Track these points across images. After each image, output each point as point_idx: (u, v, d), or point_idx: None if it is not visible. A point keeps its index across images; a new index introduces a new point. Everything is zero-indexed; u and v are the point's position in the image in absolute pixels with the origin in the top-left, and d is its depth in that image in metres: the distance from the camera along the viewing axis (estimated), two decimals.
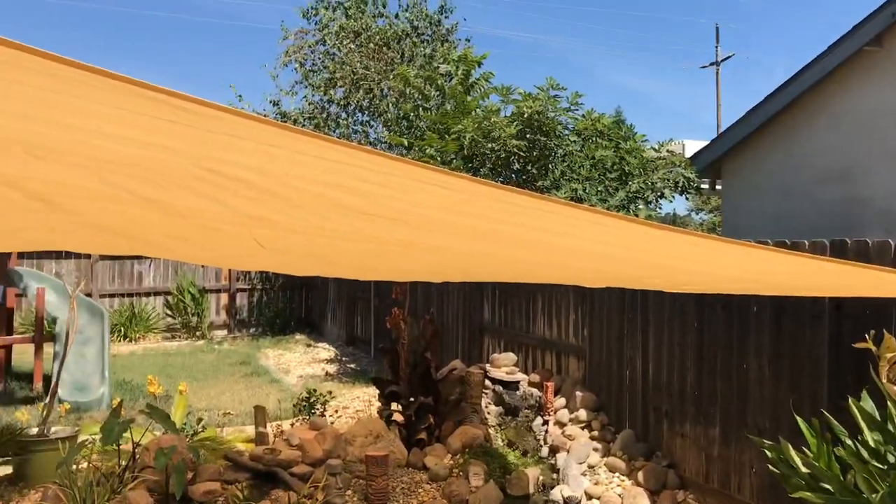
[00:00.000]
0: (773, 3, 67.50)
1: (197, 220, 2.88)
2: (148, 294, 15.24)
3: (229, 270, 15.70)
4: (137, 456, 5.48)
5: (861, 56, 7.86)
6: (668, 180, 9.28)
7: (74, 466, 5.31)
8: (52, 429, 6.09)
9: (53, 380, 6.59)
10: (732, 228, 9.61)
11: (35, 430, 5.96)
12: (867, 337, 3.18)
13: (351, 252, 3.19)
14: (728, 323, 5.30)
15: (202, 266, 15.38)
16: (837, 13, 67.48)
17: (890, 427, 3.52)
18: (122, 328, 14.30)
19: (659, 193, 9.24)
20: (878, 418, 3.65)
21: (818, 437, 3.78)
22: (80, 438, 5.93)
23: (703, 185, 10.24)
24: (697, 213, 29.38)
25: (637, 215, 8.99)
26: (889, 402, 3.37)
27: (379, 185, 2.43)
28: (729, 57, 32.24)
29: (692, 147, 11.14)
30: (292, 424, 6.63)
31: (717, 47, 32.32)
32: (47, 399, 7.73)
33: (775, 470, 3.90)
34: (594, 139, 9.30)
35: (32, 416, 6.48)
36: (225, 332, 15.72)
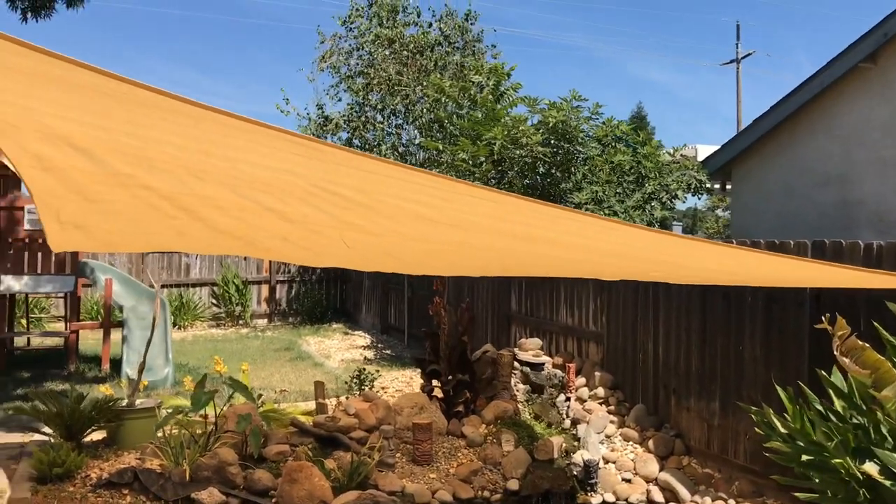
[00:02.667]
0: (795, 2, 67.60)
1: (303, 224, 3.84)
2: (195, 285, 16.29)
3: (269, 263, 16.70)
4: (218, 422, 6.43)
5: (856, 72, 8.63)
6: (682, 182, 10.10)
7: (161, 432, 6.24)
8: (137, 401, 7.05)
9: (141, 360, 7.52)
10: (740, 226, 10.42)
11: (125, 402, 6.92)
12: (823, 319, 4.02)
13: (417, 251, 4.11)
14: (727, 310, 6.15)
15: (244, 258, 16.38)
16: (856, 13, 67.38)
17: (853, 394, 4.36)
18: (173, 316, 15.32)
19: (672, 194, 10.05)
20: (845, 388, 4.49)
21: (793, 403, 4.63)
22: (161, 409, 6.91)
23: (714, 187, 11.04)
24: (714, 211, 30.12)
25: (653, 214, 9.84)
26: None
27: (443, 199, 3.39)
28: (749, 54, 32.87)
29: (704, 151, 11.94)
30: (346, 398, 7.55)
31: (737, 44, 32.95)
32: (130, 375, 8.74)
33: (759, 431, 4.75)
34: (613, 145, 10.14)
35: (114, 391, 7.44)
36: (266, 321, 16.74)
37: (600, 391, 7.43)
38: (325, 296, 17.35)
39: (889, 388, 3.82)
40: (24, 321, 11.91)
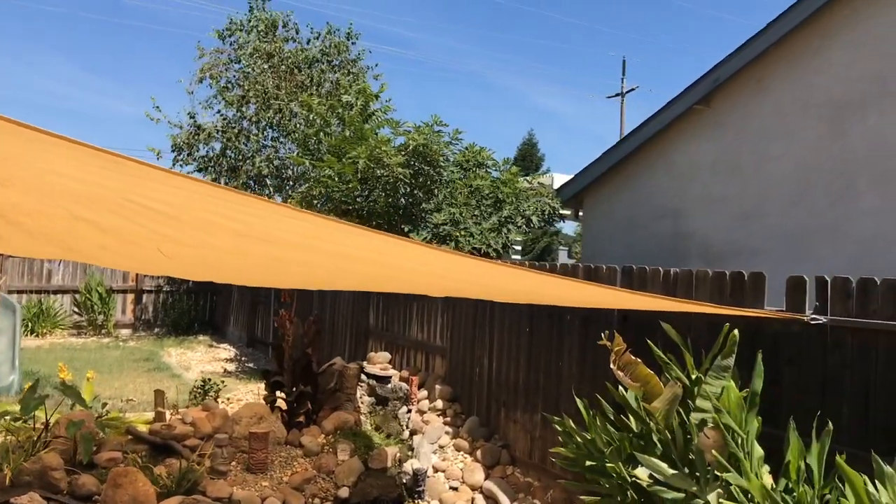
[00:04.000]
0: (682, 41, 71.40)
1: (118, 234, 3.99)
2: (56, 292, 15.77)
3: (136, 273, 16.36)
4: (50, 428, 6.38)
5: (692, 113, 9.39)
6: (537, 209, 10.64)
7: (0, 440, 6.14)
8: None
9: None
10: (590, 252, 11.04)
11: None
12: (602, 336, 4.46)
13: (232, 263, 4.31)
14: (550, 328, 6.60)
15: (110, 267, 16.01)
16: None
17: (633, 405, 4.82)
18: (30, 323, 14.81)
19: (528, 219, 10.57)
20: (633, 400, 4.95)
21: (588, 413, 5.06)
22: None
23: (566, 213, 11.67)
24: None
25: (508, 237, 10.32)
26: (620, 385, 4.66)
27: (253, 216, 3.62)
28: (633, 89, 34.65)
29: (561, 180, 12.60)
30: (187, 408, 7.59)
31: (622, 79, 34.68)
32: None
33: (561, 440, 5.16)
34: (474, 170, 10.59)
35: None
36: (130, 330, 16.37)
37: (439, 403, 7.76)
38: (193, 307, 17.12)
39: (658, 399, 4.26)
40: None
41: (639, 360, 4.36)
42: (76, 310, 15.94)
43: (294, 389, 7.39)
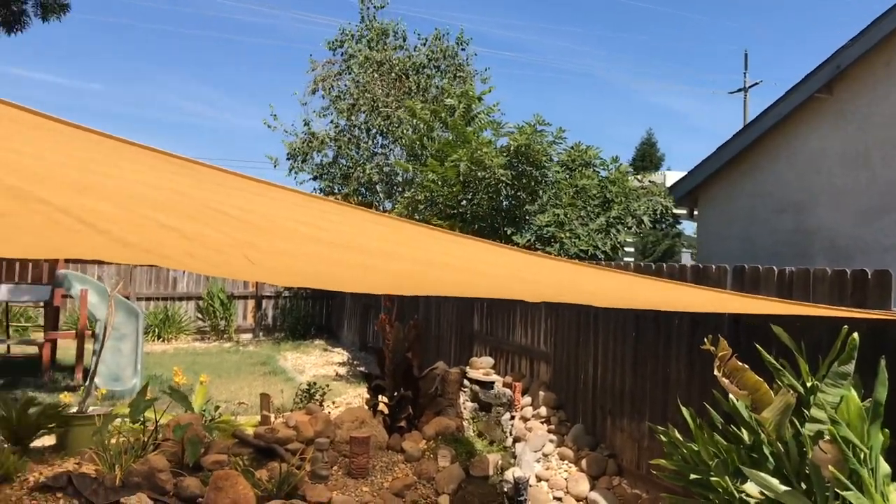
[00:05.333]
0: (807, 30, 67.87)
1: (201, 242, 4.01)
2: (181, 298, 16.52)
3: None
4: (159, 431, 6.59)
5: (813, 102, 8.77)
6: (648, 208, 10.23)
7: (113, 441, 6.39)
8: (90, 408, 7.22)
9: (91, 368, 7.70)
10: (706, 252, 10.52)
11: (75, 409, 7.09)
12: (706, 340, 4.14)
13: (316, 269, 4.27)
14: (657, 332, 6.27)
15: None
16: None
17: (744, 415, 4.47)
18: (157, 329, 15.56)
19: (638, 220, 10.18)
20: (744, 410, 4.60)
21: (695, 424, 4.73)
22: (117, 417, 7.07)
23: (680, 212, 11.16)
24: None
25: (617, 238, 9.97)
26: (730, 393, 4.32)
27: (334, 221, 3.54)
28: (756, 84, 33.08)
29: (674, 178, 12.09)
30: (292, 411, 7.69)
31: (745, 74, 33.18)
32: (99, 385, 8.92)
33: (667, 451, 4.86)
34: (580, 169, 10.29)
35: (73, 400, 7.61)
36: (250, 335, 16.93)
37: (543, 410, 7.54)
38: (309, 312, 17.54)
39: (767, 409, 3.92)
40: (6, 330, 12.14)
41: (746, 366, 4.02)
42: (199, 316, 16.63)
43: (395, 394, 7.35)
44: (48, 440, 7.05)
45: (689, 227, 27.96)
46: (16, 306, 14.49)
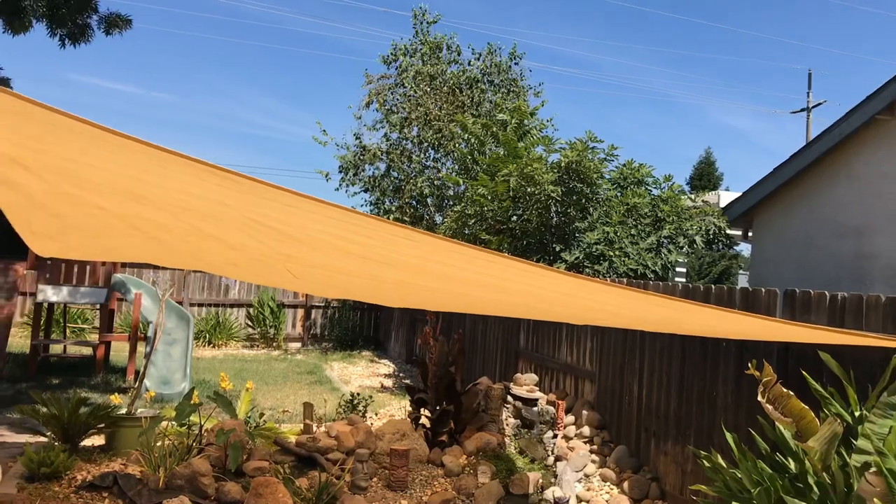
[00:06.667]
0: (873, 51, 66.20)
1: (244, 252, 4.08)
2: (232, 305, 16.80)
3: None
4: (204, 435, 6.69)
5: (874, 123, 8.53)
6: (700, 228, 10.06)
7: (159, 443, 6.51)
8: (138, 410, 7.37)
9: (141, 371, 7.88)
10: (759, 275, 10.30)
11: (124, 410, 7.25)
12: (750, 365, 4.04)
13: (354, 283, 4.30)
14: (704, 355, 6.14)
15: None
16: None
17: (790, 443, 4.34)
18: (208, 335, 15.83)
19: (690, 240, 10.02)
20: (789, 437, 4.47)
21: (739, 450, 4.62)
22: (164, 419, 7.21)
23: (734, 233, 10.94)
24: None
25: (668, 257, 9.81)
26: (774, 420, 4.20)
27: (367, 237, 3.57)
28: (820, 104, 32.41)
29: (729, 198, 11.86)
30: (334, 421, 7.74)
31: (808, 93, 32.55)
32: (149, 387, 9.11)
33: (709, 477, 4.75)
34: (632, 187, 10.18)
35: (123, 401, 7.78)
36: (299, 344, 17.11)
37: (586, 430, 7.44)
38: (357, 323, 17.67)
39: (813, 438, 3.81)
40: (63, 330, 12.50)
41: (790, 392, 3.92)
42: (249, 323, 16.88)
43: (437, 408, 7.34)
44: (97, 440, 7.21)
45: (746, 249, 27.43)
46: (74, 308, 14.90)
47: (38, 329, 11.10)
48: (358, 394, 8.30)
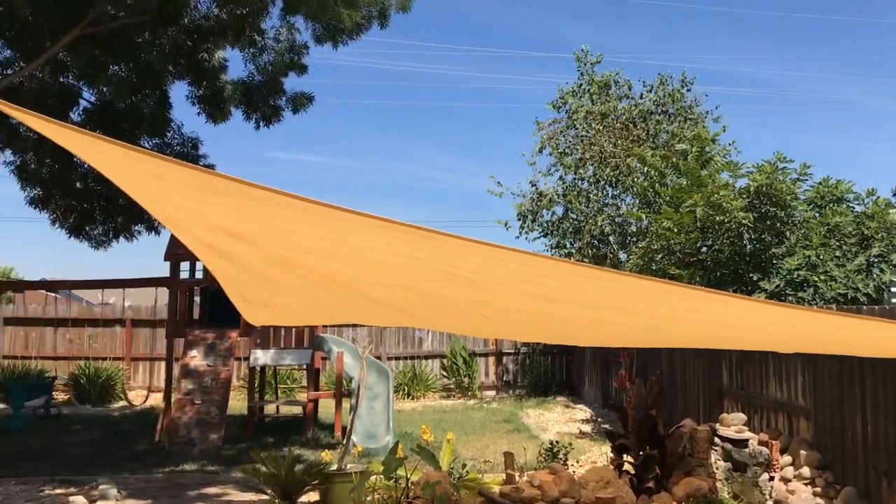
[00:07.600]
0: None
1: (439, 301, 4.22)
2: (427, 357, 17.27)
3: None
4: (410, 488, 6.85)
5: None
6: None
7: (369, 497, 6.75)
8: (348, 466, 7.69)
9: (349, 427, 8.23)
10: None
11: (335, 467, 7.58)
12: None
13: (545, 325, 4.30)
14: None
15: None
16: None
17: None
18: (406, 387, 16.33)
19: None
20: None
21: None
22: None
23: None
24: None
25: (881, 277, 9.05)
26: None
27: (554, 279, 3.60)
28: None
29: None
30: (535, 470, 7.68)
31: None
32: (356, 443, 9.52)
33: None
34: (831, 206, 9.53)
35: (333, 457, 8.15)
36: (493, 392, 17.22)
37: (806, 471, 6.91)
38: (549, 368, 17.55)
39: None
40: (275, 391, 13.38)
41: None
42: (444, 373, 17.24)
43: (640, 453, 7.10)
44: (312, 496, 7.58)
45: None
46: (282, 369, 15.89)
47: (252, 391, 11.93)
48: (557, 441, 8.21)
